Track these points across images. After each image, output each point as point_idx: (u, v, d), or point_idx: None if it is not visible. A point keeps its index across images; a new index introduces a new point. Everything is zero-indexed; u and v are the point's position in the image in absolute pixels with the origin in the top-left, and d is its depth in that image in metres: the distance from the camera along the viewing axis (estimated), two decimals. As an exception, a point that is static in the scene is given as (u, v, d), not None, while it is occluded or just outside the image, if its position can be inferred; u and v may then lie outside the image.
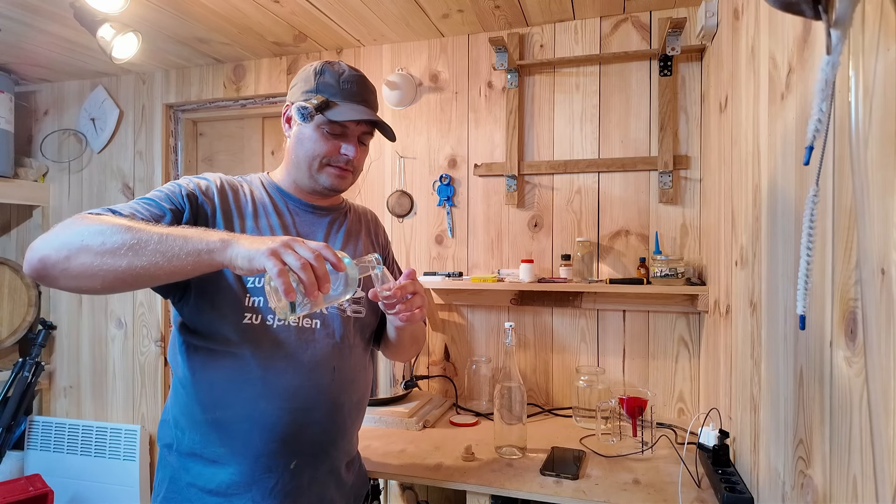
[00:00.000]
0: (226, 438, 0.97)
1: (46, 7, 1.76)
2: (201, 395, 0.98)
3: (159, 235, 0.76)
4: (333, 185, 1.07)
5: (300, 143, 1.05)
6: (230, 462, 0.97)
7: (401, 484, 1.83)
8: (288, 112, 1.07)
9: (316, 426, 1.01)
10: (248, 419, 0.96)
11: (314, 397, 1.00)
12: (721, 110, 1.46)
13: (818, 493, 0.76)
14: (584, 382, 1.69)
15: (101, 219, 0.80)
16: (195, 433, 0.99)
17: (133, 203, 0.91)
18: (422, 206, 2.05)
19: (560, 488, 1.23)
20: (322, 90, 1.03)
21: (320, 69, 1.05)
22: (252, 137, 2.43)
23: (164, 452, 1.04)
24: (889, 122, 0.56)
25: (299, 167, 1.06)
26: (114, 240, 0.75)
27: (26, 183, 2.44)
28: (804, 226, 0.62)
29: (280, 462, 0.98)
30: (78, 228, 0.78)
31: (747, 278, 1.16)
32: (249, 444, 0.96)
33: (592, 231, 1.87)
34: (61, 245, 0.77)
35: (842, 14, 0.58)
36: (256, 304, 0.98)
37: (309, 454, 1.01)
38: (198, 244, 0.76)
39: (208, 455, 0.98)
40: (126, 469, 2.32)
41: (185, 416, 1.00)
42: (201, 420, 0.98)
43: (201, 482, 0.97)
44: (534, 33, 1.93)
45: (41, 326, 2.33)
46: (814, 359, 0.78)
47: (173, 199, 0.95)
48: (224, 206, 1.01)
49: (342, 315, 1.07)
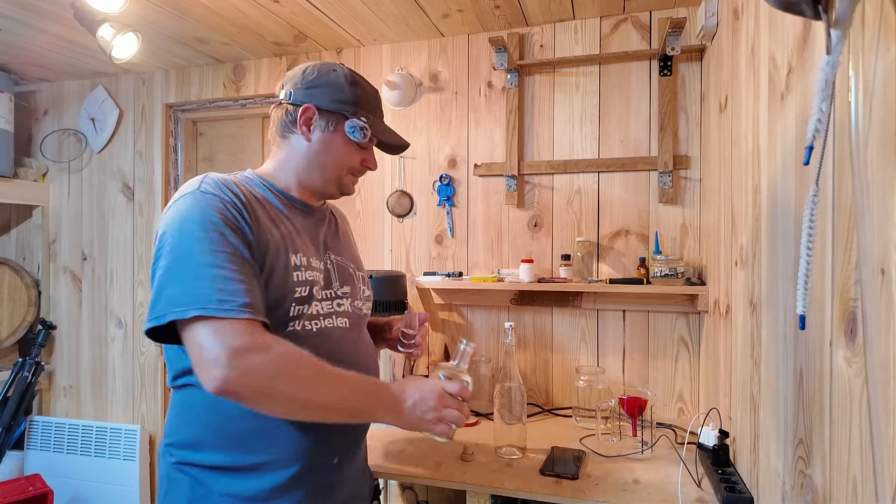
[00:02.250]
0: (266, 445, 0.94)
1: (46, 7, 1.76)
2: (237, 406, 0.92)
3: (342, 404, 0.90)
4: (350, 190, 1.11)
5: (328, 150, 1.04)
6: (270, 468, 0.94)
7: (401, 484, 1.83)
8: (309, 115, 1.03)
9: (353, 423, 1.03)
10: (295, 422, 0.94)
11: None
12: (721, 110, 1.46)
13: (818, 493, 0.76)
14: (583, 382, 1.69)
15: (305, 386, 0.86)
16: (224, 449, 0.93)
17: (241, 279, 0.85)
18: (422, 206, 2.05)
19: (560, 488, 1.23)
20: (362, 105, 1.05)
21: (351, 79, 1.05)
22: (252, 137, 2.43)
23: (175, 473, 0.96)
24: (889, 122, 0.56)
25: (322, 172, 1.05)
26: (312, 410, 0.88)
27: (26, 183, 2.44)
28: (804, 226, 0.62)
29: (325, 460, 0.99)
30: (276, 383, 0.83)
31: (747, 278, 1.16)
32: (294, 446, 0.95)
33: (592, 231, 1.87)
34: (260, 391, 0.83)
35: (842, 14, 0.58)
36: (296, 311, 0.96)
37: (349, 448, 1.04)
38: (369, 413, 0.94)
39: (242, 465, 0.94)
40: (126, 469, 2.32)
41: (211, 433, 0.94)
42: (236, 432, 0.93)
43: (236, 490, 0.93)
44: (534, 33, 1.93)
45: (41, 326, 2.33)
46: (814, 359, 0.78)
47: (247, 261, 0.89)
48: (253, 224, 0.94)
49: (360, 314, 1.11)
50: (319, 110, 1.02)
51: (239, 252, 0.87)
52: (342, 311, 1.05)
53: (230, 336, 0.80)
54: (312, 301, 0.99)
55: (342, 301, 1.06)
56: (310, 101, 1.03)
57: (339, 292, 1.06)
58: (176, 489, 0.96)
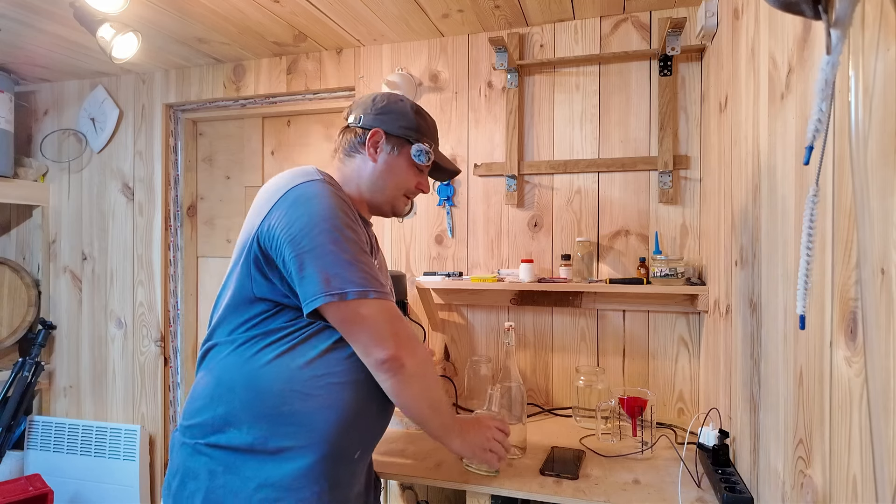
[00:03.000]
0: (296, 429, 0.96)
1: (46, 7, 1.76)
2: (275, 387, 0.96)
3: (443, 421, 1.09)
4: (402, 211, 1.22)
5: (391, 172, 1.15)
6: (297, 453, 0.96)
7: (401, 484, 1.83)
8: (377, 138, 1.14)
9: (379, 416, 1.09)
10: (331, 408, 0.98)
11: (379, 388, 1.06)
12: (721, 110, 1.46)
13: (818, 493, 0.76)
14: (583, 382, 1.69)
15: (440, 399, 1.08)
16: (256, 429, 0.96)
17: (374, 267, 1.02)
18: (422, 205, 2.05)
19: (560, 488, 1.23)
20: (425, 133, 1.18)
21: (416, 109, 1.18)
22: (252, 137, 2.43)
23: (193, 461, 0.98)
24: (889, 122, 0.56)
25: (383, 192, 1.16)
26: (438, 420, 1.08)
27: (26, 183, 2.44)
28: (804, 226, 0.62)
29: (348, 453, 1.02)
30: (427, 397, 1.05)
31: (747, 278, 1.16)
32: (321, 434, 0.97)
33: (592, 231, 1.87)
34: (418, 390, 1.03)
35: (842, 14, 0.58)
36: None
37: (369, 444, 1.10)
38: (447, 430, 1.10)
39: (270, 448, 0.96)
40: (126, 469, 2.32)
41: (245, 410, 0.97)
42: (268, 413, 0.96)
43: (262, 476, 0.95)
44: (534, 33, 1.93)
45: (41, 326, 2.33)
46: (814, 359, 0.78)
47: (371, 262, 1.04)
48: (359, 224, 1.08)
49: None
50: (387, 135, 1.14)
51: (363, 242, 1.02)
52: None
53: (398, 317, 0.99)
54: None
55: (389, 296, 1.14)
56: (379, 125, 1.14)
57: (388, 289, 1.16)
58: (192, 479, 0.96)
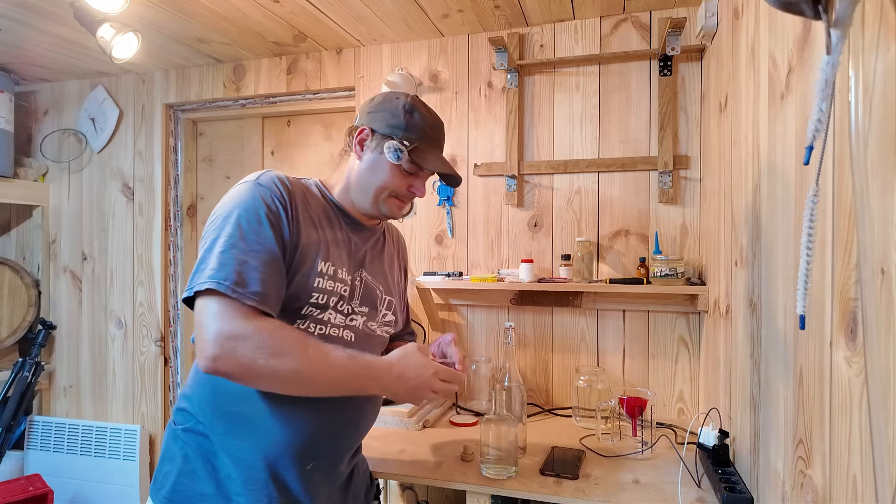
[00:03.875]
0: (248, 433, 0.98)
1: (46, 7, 1.76)
2: (230, 387, 0.97)
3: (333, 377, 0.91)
4: (393, 214, 1.12)
5: (373, 171, 1.08)
6: (249, 456, 0.97)
7: (401, 484, 1.83)
8: (363, 136, 1.09)
9: (338, 435, 1.04)
10: (273, 417, 0.97)
11: (343, 407, 1.03)
12: (721, 110, 1.46)
13: (818, 492, 0.76)
14: (583, 382, 1.69)
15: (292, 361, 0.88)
16: (215, 423, 0.99)
17: (263, 271, 0.91)
18: (422, 205, 2.05)
19: (560, 488, 1.23)
20: (412, 131, 1.07)
21: (409, 107, 1.08)
22: (252, 137, 2.43)
23: (173, 443, 1.02)
24: (889, 122, 0.56)
25: (366, 192, 1.09)
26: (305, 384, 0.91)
27: (26, 183, 2.44)
28: (804, 226, 0.62)
29: (298, 462, 1.00)
30: (269, 362, 0.86)
31: (747, 278, 1.16)
32: (272, 443, 0.97)
33: (592, 231, 1.87)
34: (252, 369, 0.87)
35: (842, 14, 0.58)
36: (307, 311, 1.00)
37: (326, 457, 1.04)
38: (363, 379, 0.94)
39: (227, 444, 0.98)
40: (126, 469, 2.32)
41: (209, 404, 1.00)
42: (224, 411, 0.99)
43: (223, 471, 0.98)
44: (534, 33, 1.93)
45: (41, 326, 2.33)
46: (814, 359, 0.78)
47: (275, 255, 0.94)
48: (292, 222, 1.00)
49: (373, 334, 1.12)
50: (373, 132, 1.08)
51: (269, 245, 0.93)
52: (352, 326, 1.07)
53: (229, 318, 0.85)
54: (328, 309, 1.02)
55: (356, 318, 1.08)
56: (368, 123, 1.09)
57: (357, 309, 1.09)
58: (169, 460, 1.02)
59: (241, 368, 0.85)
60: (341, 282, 1.05)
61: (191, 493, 0.98)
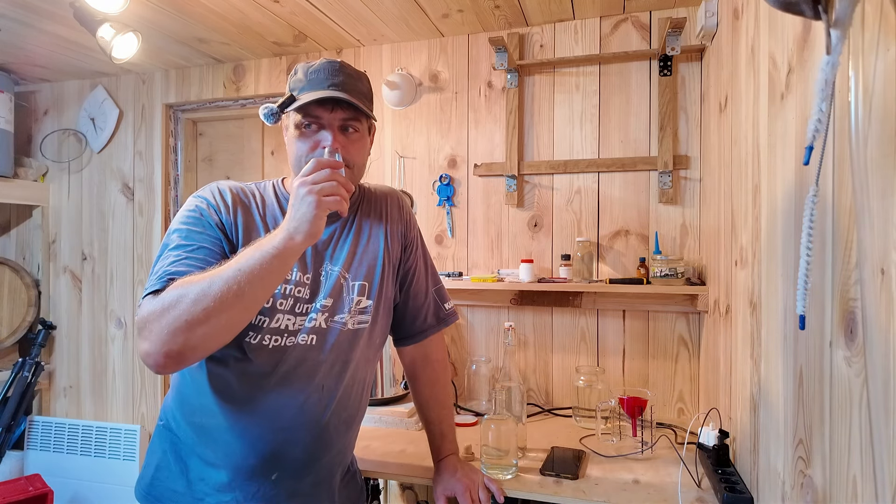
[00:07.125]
0: (211, 443, 1.00)
1: (46, 7, 1.76)
2: (191, 398, 1.03)
3: (238, 273, 0.81)
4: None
5: (289, 147, 1.03)
6: (216, 463, 1.00)
7: (401, 484, 1.83)
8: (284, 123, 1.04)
9: (298, 445, 1.01)
10: (231, 431, 0.98)
11: (297, 417, 1.00)
12: (721, 110, 1.46)
13: (818, 493, 0.76)
14: (583, 382, 1.69)
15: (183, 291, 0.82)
16: (186, 430, 1.03)
17: (184, 259, 0.90)
18: (422, 205, 2.05)
19: (560, 488, 1.23)
20: (293, 87, 1.01)
21: (294, 69, 1.03)
22: (252, 137, 2.43)
23: (157, 439, 1.08)
24: (889, 122, 0.56)
25: (295, 169, 1.02)
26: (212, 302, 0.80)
27: (26, 183, 2.44)
28: (804, 226, 0.62)
29: (261, 473, 1.00)
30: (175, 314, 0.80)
31: (747, 278, 1.16)
32: (231, 454, 0.99)
33: (592, 231, 1.87)
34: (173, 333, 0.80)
35: (842, 14, 0.58)
36: (256, 321, 0.96)
37: (290, 468, 1.01)
38: (268, 255, 0.82)
39: (197, 450, 1.02)
40: (126, 469, 2.32)
41: (178, 411, 1.05)
42: (189, 421, 1.03)
43: (194, 472, 1.02)
44: (534, 33, 1.93)
45: (41, 326, 2.33)
46: (814, 359, 0.78)
47: (213, 239, 0.95)
48: (232, 227, 0.99)
49: (342, 329, 1.04)
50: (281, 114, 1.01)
51: (203, 247, 0.93)
52: (311, 328, 1.01)
53: (143, 308, 0.84)
54: (275, 313, 0.98)
55: (315, 316, 1.01)
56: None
57: (320, 305, 1.02)
58: (152, 453, 1.06)
59: (169, 341, 0.80)
60: (297, 283, 1.00)
61: (164, 489, 1.01)
